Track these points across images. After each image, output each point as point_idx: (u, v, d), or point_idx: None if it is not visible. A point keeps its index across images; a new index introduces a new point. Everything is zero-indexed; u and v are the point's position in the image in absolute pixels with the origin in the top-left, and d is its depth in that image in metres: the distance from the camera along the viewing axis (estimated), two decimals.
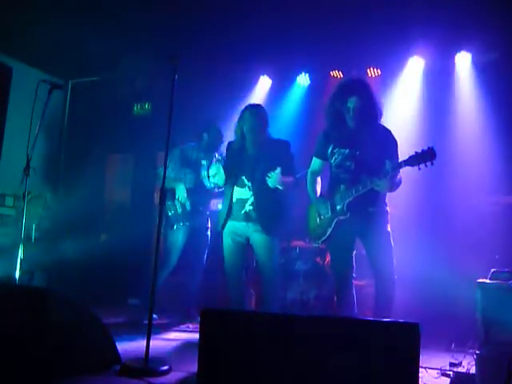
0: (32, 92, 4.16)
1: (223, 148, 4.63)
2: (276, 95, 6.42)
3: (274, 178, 3.90)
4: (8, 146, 6.17)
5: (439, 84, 5.64)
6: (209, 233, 5.19)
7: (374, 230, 3.65)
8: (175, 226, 4.99)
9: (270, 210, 4.05)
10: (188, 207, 5.00)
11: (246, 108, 4.23)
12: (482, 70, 5.44)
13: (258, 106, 4.33)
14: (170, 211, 5.02)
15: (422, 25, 5.01)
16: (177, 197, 4.99)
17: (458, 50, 5.54)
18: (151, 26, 5.38)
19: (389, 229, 3.69)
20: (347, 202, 3.65)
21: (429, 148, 3.32)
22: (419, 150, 3.34)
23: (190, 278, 5.12)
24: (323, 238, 3.83)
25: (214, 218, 4.91)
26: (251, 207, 4.07)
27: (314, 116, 5.91)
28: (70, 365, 2.82)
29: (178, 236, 5.01)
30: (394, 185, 3.61)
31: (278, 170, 3.89)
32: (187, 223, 5.01)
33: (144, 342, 3.19)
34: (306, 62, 6.20)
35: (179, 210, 5.01)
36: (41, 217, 6.18)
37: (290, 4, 5.00)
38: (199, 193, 5.01)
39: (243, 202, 4.10)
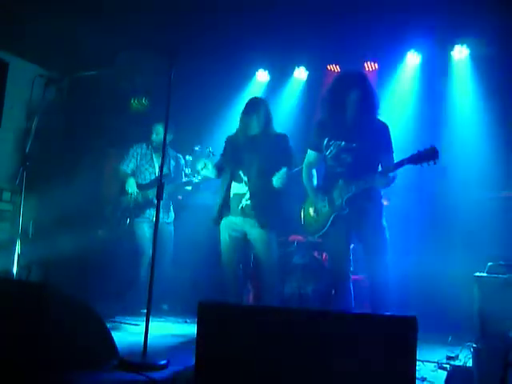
0: (28, 87, 4.14)
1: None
2: (273, 89, 6.41)
3: (278, 179, 3.87)
4: (5, 141, 6.15)
5: (436, 78, 5.64)
6: (172, 227, 5.39)
7: (370, 224, 3.65)
8: (128, 221, 5.21)
9: (266, 204, 4.03)
10: (140, 200, 5.22)
11: (251, 101, 4.21)
12: (480, 64, 5.43)
13: (262, 99, 4.32)
14: (125, 205, 5.28)
15: (419, 18, 5.01)
16: (126, 190, 5.24)
17: (456, 43, 5.53)
18: (149, 19, 5.36)
19: (384, 223, 3.69)
20: (346, 197, 3.64)
21: (431, 147, 3.27)
22: (421, 149, 3.30)
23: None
24: (320, 233, 3.82)
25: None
26: (248, 202, 4.06)
27: (311, 110, 5.91)
28: (67, 360, 2.81)
29: (144, 228, 5.20)
30: (391, 181, 3.60)
31: (284, 169, 3.86)
32: (147, 216, 5.18)
33: (142, 337, 3.19)
34: (304, 56, 6.20)
35: (131, 204, 5.25)
36: (38, 212, 6.17)
37: None
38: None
39: (240, 196, 4.09)
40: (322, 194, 3.80)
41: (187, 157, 5.43)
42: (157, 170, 5.31)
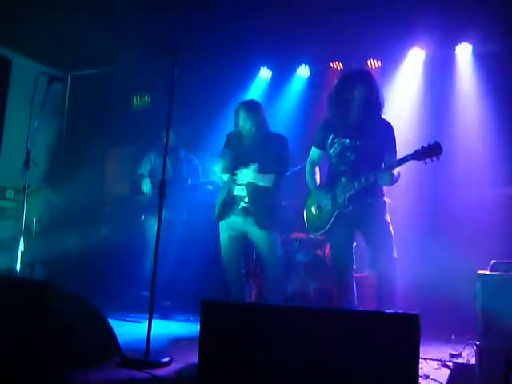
0: (31, 84, 4.15)
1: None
2: (276, 87, 6.40)
3: (265, 181, 3.99)
4: (8, 139, 6.17)
5: (440, 75, 5.62)
6: (182, 226, 5.48)
7: (373, 221, 3.64)
8: (143, 217, 5.41)
9: (265, 206, 4.06)
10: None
11: (239, 105, 4.21)
12: (483, 62, 5.41)
13: (252, 102, 4.31)
14: (140, 203, 5.45)
15: (422, 16, 4.99)
16: (142, 190, 5.41)
17: (459, 41, 5.51)
18: (150, 17, 5.36)
19: (388, 219, 3.68)
20: (349, 194, 3.63)
21: (435, 142, 3.25)
22: (425, 144, 3.28)
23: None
24: (322, 231, 3.82)
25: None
26: (247, 204, 4.08)
27: (313, 108, 5.90)
28: (70, 357, 2.82)
29: (156, 225, 5.22)
30: (395, 179, 3.59)
31: (272, 177, 4.00)
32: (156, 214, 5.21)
33: (145, 334, 3.20)
34: (306, 54, 6.18)
35: (146, 202, 5.38)
36: (41, 210, 6.18)
37: None
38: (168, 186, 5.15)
39: (240, 198, 4.13)
40: (325, 192, 3.80)
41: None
42: (170, 170, 5.37)
